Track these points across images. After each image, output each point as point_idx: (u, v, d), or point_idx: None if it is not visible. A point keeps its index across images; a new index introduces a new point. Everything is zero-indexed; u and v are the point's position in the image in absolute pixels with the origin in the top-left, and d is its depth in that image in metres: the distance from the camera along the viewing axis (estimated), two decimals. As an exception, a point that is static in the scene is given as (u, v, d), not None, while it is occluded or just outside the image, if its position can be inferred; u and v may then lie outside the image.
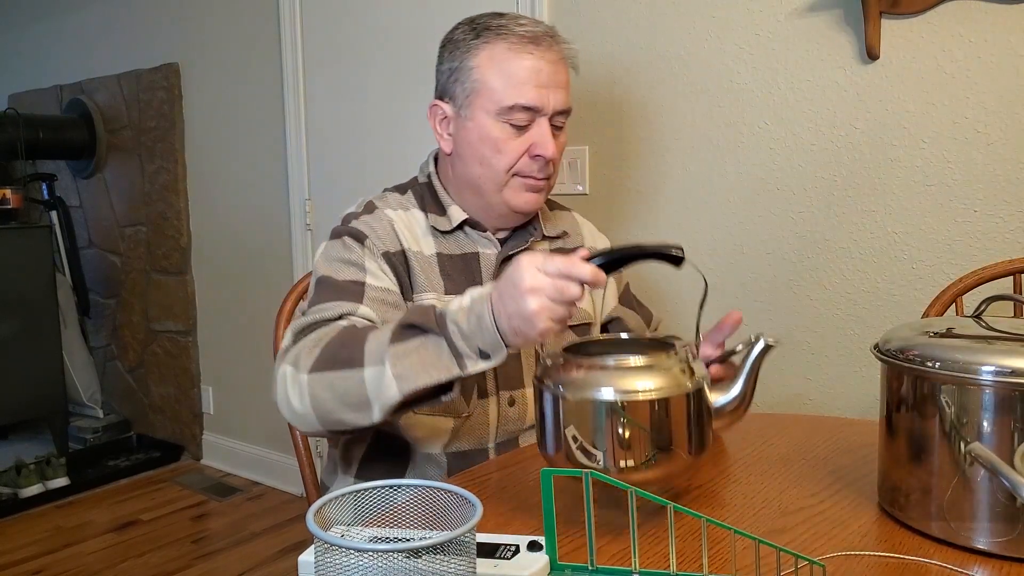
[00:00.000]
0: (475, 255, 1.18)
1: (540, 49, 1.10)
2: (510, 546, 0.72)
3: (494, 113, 1.11)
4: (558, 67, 1.12)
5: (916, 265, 1.59)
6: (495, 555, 0.71)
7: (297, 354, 0.98)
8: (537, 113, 1.11)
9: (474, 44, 1.12)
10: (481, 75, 1.11)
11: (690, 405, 0.80)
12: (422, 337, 0.90)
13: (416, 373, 0.89)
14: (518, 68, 1.09)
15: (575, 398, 0.80)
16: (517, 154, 1.12)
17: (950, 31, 1.51)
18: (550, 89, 1.11)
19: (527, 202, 1.15)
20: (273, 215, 2.81)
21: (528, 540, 0.72)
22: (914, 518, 0.80)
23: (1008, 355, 0.74)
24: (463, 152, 1.15)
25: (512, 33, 1.10)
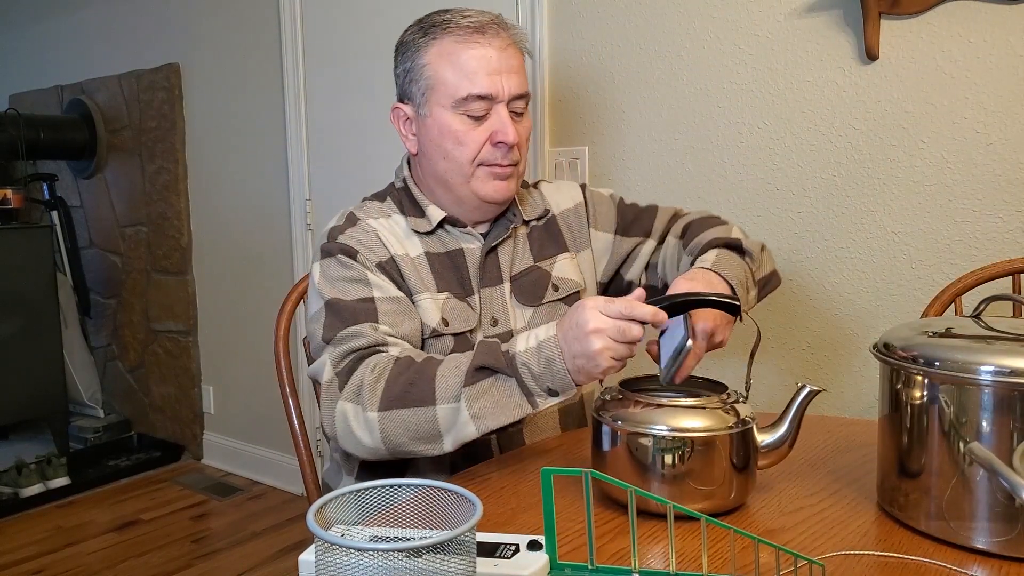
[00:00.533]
0: (459, 251, 1.19)
1: (487, 37, 1.12)
2: (510, 545, 0.73)
3: (450, 106, 1.13)
4: (508, 52, 1.14)
5: (915, 265, 1.59)
6: (495, 554, 0.71)
7: (355, 391, 1.01)
8: (493, 101, 1.12)
9: (423, 42, 1.14)
10: (433, 71, 1.13)
11: (735, 444, 0.85)
12: (493, 377, 0.97)
13: (492, 413, 0.96)
14: (467, 58, 1.11)
15: (629, 431, 0.86)
16: (479, 144, 1.13)
17: (950, 31, 1.51)
18: (502, 75, 1.12)
19: (496, 190, 1.16)
20: (273, 215, 2.81)
21: (528, 540, 0.72)
22: (913, 518, 0.80)
23: (1007, 355, 0.74)
24: (427, 150, 1.17)
25: (457, 26, 1.12)
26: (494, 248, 1.20)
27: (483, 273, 1.19)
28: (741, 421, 0.86)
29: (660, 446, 0.84)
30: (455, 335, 1.15)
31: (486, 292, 1.18)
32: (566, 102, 2.02)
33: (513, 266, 1.22)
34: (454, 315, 1.15)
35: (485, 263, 1.19)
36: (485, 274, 1.19)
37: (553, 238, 1.26)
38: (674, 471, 0.84)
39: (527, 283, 1.21)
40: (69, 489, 2.93)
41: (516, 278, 1.21)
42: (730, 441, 0.84)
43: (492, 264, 1.20)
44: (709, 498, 0.84)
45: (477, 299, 1.18)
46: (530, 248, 1.24)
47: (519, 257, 1.23)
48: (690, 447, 0.83)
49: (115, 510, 2.80)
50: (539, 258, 1.24)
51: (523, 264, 1.23)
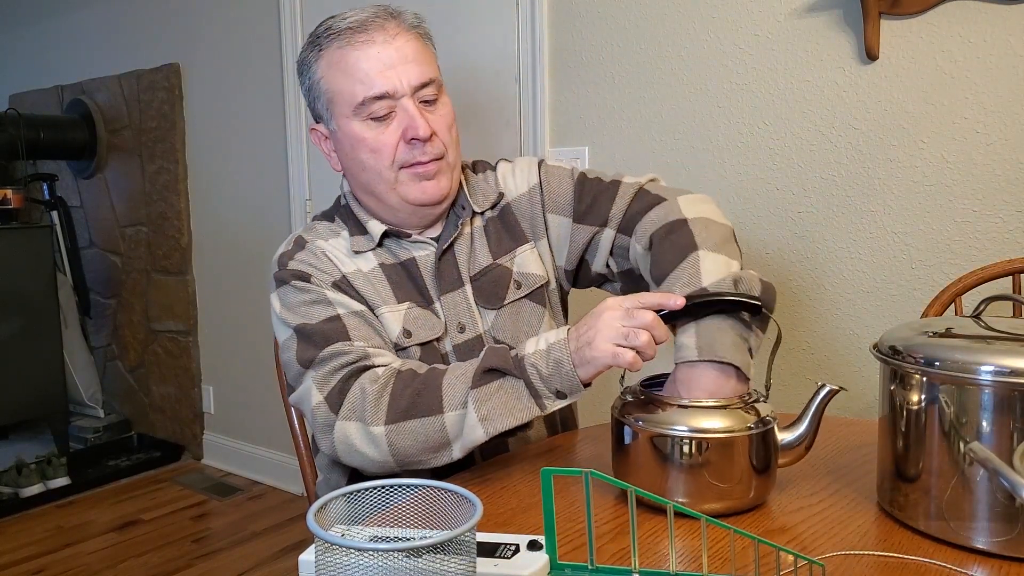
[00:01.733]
0: (412, 260, 1.13)
1: (370, 33, 1.06)
2: (510, 545, 0.73)
3: (352, 115, 1.07)
4: (400, 42, 1.06)
5: (915, 265, 1.59)
6: (495, 555, 0.71)
7: (356, 408, 0.98)
8: (393, 97, 1.06)
9: (313, 57, 1.10)
10: (328, 83, 1.08)
11: (755, 444, 0.85)
12: (501, 380, 0.94)
13: (500, 415, 0.94)
14: (354, 61, 1.05)
15: (649, 432, 0.86)
16: (392, 146, 1.07)
17: (949, 31, 1.51)
18: (396, 68, 1.05)
19: (425, 192, 1.09)
20: (273, 215, 2.81)
21: (528, 540, 0.72)
22: (913, 518, 0.80)
23: (1007, 355, 0.74)
24: (347, 164, 1.12)
25: (338, 31, 1.07)
26: (447, 249, 1.13)
27: (440, 279, 1.12)
28: (762, 421, 0.86)
29: (680, 447, 0.84)
30: (421, 345, 1.09)
31: (448, 298, 1.12)
32: (566, 102, 2.02)
33: (471, 265, 1.14)
34: (417, 324, 1.09)
35: (440, 268, 1.12)
36: (442, 280, 1.12)
37: (510, 229, 1.17)
38: (694, 471, 0.84)
39: (487, 283, 1.14)
40: (69, 489, 2.93)
41: (476, 278, 1.14)
42: (750, 441, 0.84)
43: (448, 267, 1.13)
44: (728, 498, 0.84)
45: (439, 307, 1.12)
46: (487, 242, 1.16)
47: (477, 255, 1.15)
48: (710, 447, 0.83)
49: (115, 510, 2.80)
50: (498, 253, 1.15)
51: (481, 262, 1.14)
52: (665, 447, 0.84)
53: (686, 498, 0.84)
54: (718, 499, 0.84)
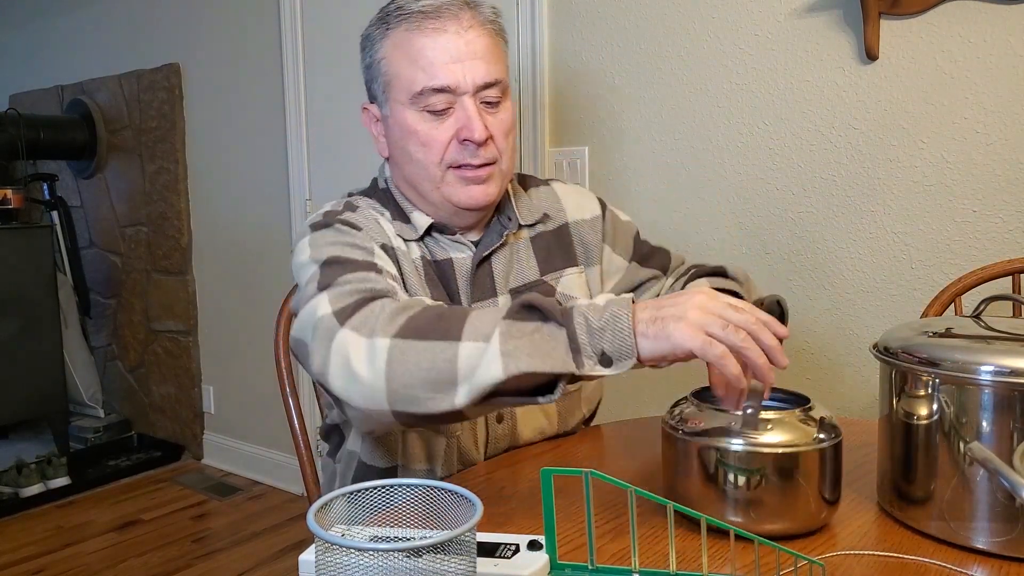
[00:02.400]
0: (448, 261, 1.07)
1: (443, 21, 0.99)
2: (510, 545, 0.73)
3: (408, 103, 1.00)
4: (470, 35, 0.99)
5: (915, 265, 1.59)
6: (495, 554, 0.71)
7: (366, 321, 0.83)
8: (454, 93, 0.99)
9: (379, 34, 1.03)
10: (388, 65, 1.02)
11: (818, 460, 0.78)
12: (540, 322, 0.77)
13: (528, 355, 0.75)
14: (421, 47, 0.99)
15: (703, 445, 0.79)
16: (443, 143, 1.01)
17: (949, 31, 1.51)
18: (464, 63, 0.98)
19: (471, 196, 1.03)
20: (273, 215, 2.81)
21: (528, 540, 0.72)
22: (914, 518, 0.80)
23: (1007, 355, 0.74)
24: (394, 153, 1.06)
25: (410, 12, 1.00)
26: (487, 258, 1.08)
27: (473, 286, 1.07)
28: (826, 436, 0.79)
29: (736, 462, 0.77)
30: None
31: (478, 308, 1.05)
32: (566, 102, 2.02)
33: (511, 277, 1.10)
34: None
35: (476, 275, 1.07)
36: (476, 287, 1.07)
37: (564, 249, 1.14)
38: (750, 488, 0.77)
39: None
40: (69, 489, 2.93)
41: (517, 291, 1.09)
42: (814, 457, 0.78)
43: (484, 275, 1.08)
44: (792, 519, 0.78)
45: None
46: (535, 257, 1.12)
47: (521, 267, 1.11)
48: (769, 463, 0.77)
49: (115, 510, 2.80)
50: (545, 270, 1.12)
51: (527, 276, 1.11)
52: (718, 461, 0.78)
53: (743, 518, 0.78)
54: (780, 520, 0.78)
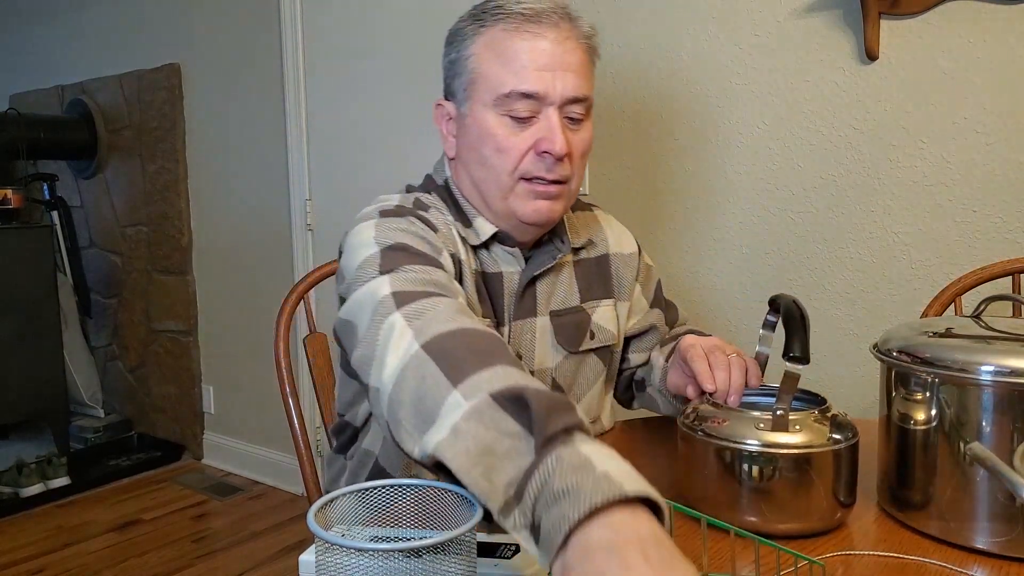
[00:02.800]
0: (499, 275, 1.04)
1: (542, 27, 0.96)
2: (510, 546, 0.72)
3: (491, 104, 0.97)
4: (567, 47, 0.97)
5: (915, 265, 1.59)
6: (495, 555, 0.71)
7: (422, 311, 0.75)
8: (541, 102, 0.96)
9: (471, 31, 1.00)
10: (477, 63, 0.99)
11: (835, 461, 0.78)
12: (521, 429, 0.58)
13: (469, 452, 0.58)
14: (515, 50, 0.96)
15: (720, 446, 0.80)
16: (521, 152, 0.97)
17: (949, 31, 1.51)
18: (555, 72, 0.96)
19: (536, 211, 1.00)
20: (273, 215, 2.81)
21: None
22: (914, 518, 0.80)
23: (1007, 355, 0.74)
24: (464, 155, 1.03)
25: (510, 12, 0.97)
26: (536, 278, 1.06)
27: (519, 303, 1.05)
28: (842, 436, 0.79)
29: (752, 462, 0.77)
30: None
31: (517, 325, 1.05)
32: (566, 102, 2.02)
33: (553, 299, 1.08)
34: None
35: (524, 293, 1.05)
36: (520, 305, 1.05)
37: (603, 279, 1.14)
38: (766, 489, 0.77)
39: (569, 324, 1.08)
40: (69, 489, 2.93)
41: (558, 314, 1.08)
42: (829, 458, 0.78)
43: (530, 295, 1.06)
44: (807, 519, 0.78)
45: (505, 331, 1.04)
46: (577, 283, 1.11)
47: (563, 291, 1.09)
48: (784, 464, 0.77)
49: (115, 510, 2.80)
50: (585, 298, 1.11)
51: (569, 301, 1.09)
52: (736, 463, 0.78)
53: (758, 518, 0.78)
54: (795, 520, 0.78)
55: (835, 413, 0.83)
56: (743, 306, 1.79)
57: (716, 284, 1.83)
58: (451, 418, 0.61)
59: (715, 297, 1.83)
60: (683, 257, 1.87)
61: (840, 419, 0.82)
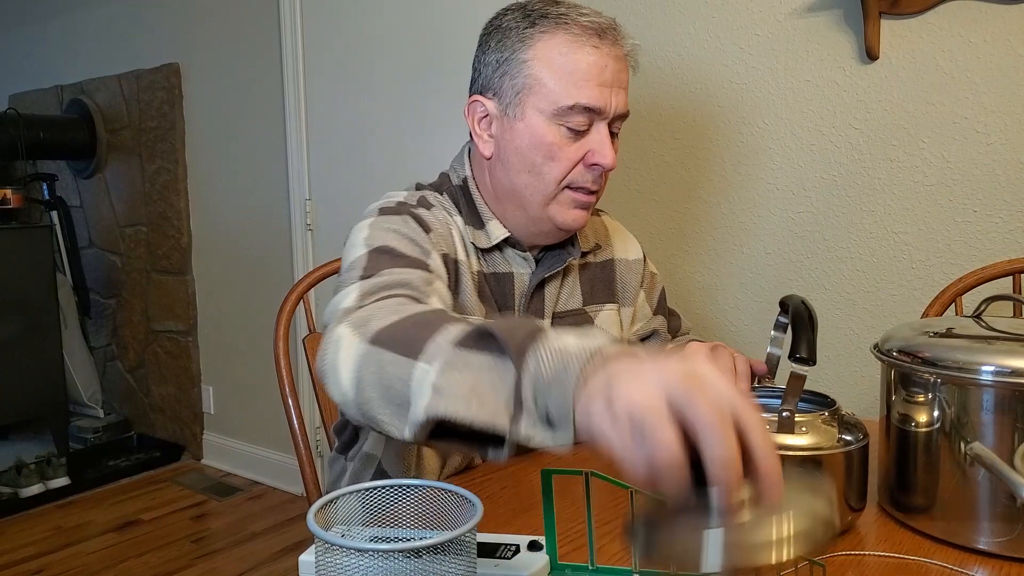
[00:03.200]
0: (509, 275, 1.06)
1: (605, 43, 0.98)
2: (510, 546, 0.72)
3: (550, 114, 0.97)
4: (622, 65, 1.00)
5: (916, 265, 1.59)
6: (495, 555, 0.71)
7: (367, 317, 0.74)
8: (598, 116, 0.98)
9: (529, 33, 0.98)
10: (536, 69, 0.97)
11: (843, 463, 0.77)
12: (494, 357, 0.60)
13: (459, 398, 0.59)
14: (581, 63, 0.96)
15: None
16: (572, 162, 0.99)
17: (950, 31, 1.51)
18: (613, 89, 0.98)
19: (575, 219, 1.02)
20: (273, 215, 2.81)
21: (528, 540, 0.72)
22: (914, 518, 0.80)
23: (1008, 355, 0.74)
24: (508, 158, 1.01)
25: (574, 23, 0.97)
26: (546, 280, 1.08)
27: (529, 304, 1.07)
28: (852, 438, 0.78)
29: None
30: None
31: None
32: (566, 102, 2.02)
33: (559, 302, 1.10)
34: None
35: (534, 295, 1.07)
36: (531, 306, 1.07)
37: (607, 284, 1.16)
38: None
39: (570, 326, 1.10)
40: (69, 489, 2.93)
41: (561, 316, 1.10)
42: (838, 460, 0.77)
43: (539, 296, 1.08)
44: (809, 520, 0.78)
45: None
46: (581, 287, 1.13)
47: (568, 294, 1.11)
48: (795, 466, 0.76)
49: (115, 510, 2.80)
50: (588, 302, 1.13)
51: (571, 304, 1.11)
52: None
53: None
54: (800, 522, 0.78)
55: (844, 414, 0.82)
56: (743, 306, 1.79)
57: (716, 284, 1.83)
58: (426, 383, 0.61)
59: (715, 297, 1.83)
60: (683, 257, 1.87)
61: (849, 420, 0.81)
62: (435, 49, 2.26)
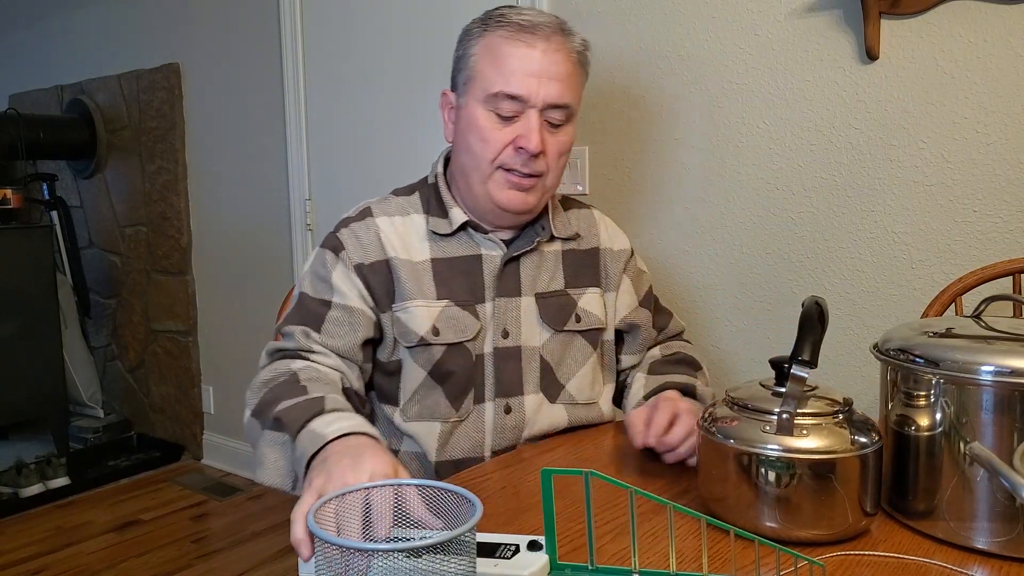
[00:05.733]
0: (477, 257, 1.15)
1: (535, 38, 1.08)
2: (510, 546, 0.72)
3: (482, 100, 1.09)
4: (556, 58, 1.09)
5: (916, 265, 1.59)
6: (495, 555, 0.71)
7: (253, 387, 1.05)
8: (525, 104, 1.08)
9: (477, 32, 1.12)
10: (476, 62, 1.11)
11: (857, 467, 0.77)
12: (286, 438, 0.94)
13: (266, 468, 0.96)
14: (508, 55, 1.08)
15: (741, 450, 0.78)
16: (501, 144, 1.09)
17: (950, 31, 1.51)
18: (541, 80, 1.07)
19: (510, 200, 1.12)
20: (273, 215, 2.81)
21: (528, 540, 0.72)
22: (914, 518, 0.80)
23: (1007, 355, 0.74)
24: (457, 140, 1.15)
25: (509, 22, 1.09)
26: (516, 258, 1.17)
27: (500, 282, 1.15)
28: (867, 441, 0.78)
29: (772, 468, 0.76)
30: (448, 345, 1.10)
31: (501, 302, 1.15)
32: (566, 102, 2.01)
33: (538, 282, 1.18)
34: (449, 324, 1.11)
35: (504, 272, 1.15)
36: (502, 284, 1.15)
37: (592, 270, 1.23)
38: (788, 495, 0.76)
39: (554, 304, 1.18)
40: (69, 489, 2.92)
41: (543, 296, 1.17)
42: (852, 464, 0.76)
43: (511, 275, 1.16)
44: (829, 527, 0.76)
45: (489, 307, 1.14)
46: (563, 271, 1.20)
47: (548, 275, 1.19)
48: (806, 470, 0.75)
49: (115, 510, 2.80)
50: (570, 284, 1.20)
51: (553, 285, 1.19)
52: (754, 467, 0.77)
53: (777, 524, 0.77)
54: (817, 528, 0.76)
55: (856, 415, 0.81)
56: (743, 306, 1.79)
57: (716, 284, 1.83)
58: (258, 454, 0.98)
59: (715, 297, 1.83)
60: (683, 257, 1.87)
61: (861, 421, 0.80)
62: (435, 49, 2.26)
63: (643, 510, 0.86)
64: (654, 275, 1.83)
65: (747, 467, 0.78)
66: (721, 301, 1.82)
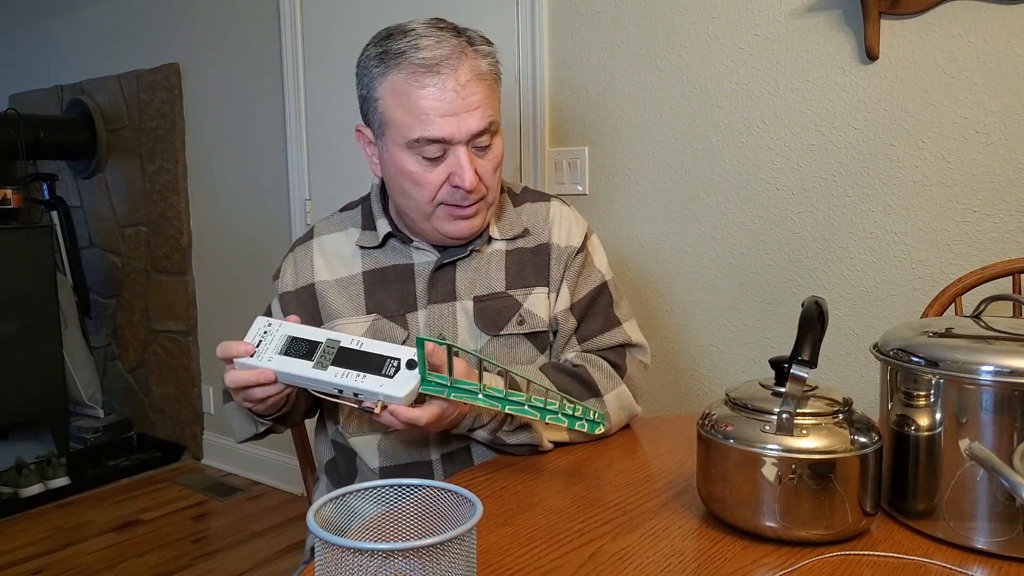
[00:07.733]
0: (409, 266, 1.14)
1: (441, 77, 1.02)
2: (394, 360, 0.91)
3: (403, 146, 1.05)
4: (468, 88, 1.03)
5: (915, 265, 1.59)
6: (381, 370, 0.90)
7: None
8: (449, 143, 1.04)
9: (377, 73, 1.05)
10: (385, 108, 1.05)
11: (856, 466, 0.76)
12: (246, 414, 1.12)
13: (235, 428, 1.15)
14: (420, 100, 1.02)
15: (741, 450, 0.78)
16: (436, 185, 1.06)
17: (950, 31, 1.51)
18: (459, 116, 1.02)
19: (458, 230, 1.09)
20: (273, 215, 2.81)
21: (407, 359, 0.90)
22: (914, 518, 0.80)
23: (1007, 355, 0.74)
24: (388, 182, 1.12)
25: (410, 62, 1.02)
26: (449, 264, 1.13)
27: (432, 289, 1.12)
28: (866, 441, 0.77)
29: (772, 468, 0.76)
30: None
31: (435, 308, 1.11)
32: (566, 102, 2.02)
33: (476, 286, 1.13)
34: (377, 338, 1.05)
35: (434, 278, 1.12)
36: (434, 290, 1.12)
37: (539, 268, 1.16)
38: (788, 495, 0.76)
39: (491, 308, 1.12)
40: (69, 489, 2.93)
41: (481, 299, 1.12)
42: (852, 463, 0.76)
43: (445, 279, 1.13)
44: (827, 525, 0.76)
45: (421, 316, 1.11)
46: (505, 271, 1.14)
47: (487, 278, 1.14)
48: (806, 469, 0.75)
49: (115, 510, 2.80)
50: (512, 285, 1.14)
51: (492, 286, 1.13)
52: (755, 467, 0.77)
53: (777, 523, 0.76)
54: (817, 527, 0.76)
55: (856, 415, 0.81)
56: (743, 306, 1.79)
57: (716, 284, 1.83)
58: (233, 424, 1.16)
59: (715, 297, 1.83)
60: (682, 257, 1.87)
61: (861, 421, 0.80)
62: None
63: (643, 510, 0.87)
64: (654, 275, 1.82)
65: (747, 467, 0.78)
66: (721, 301, 1.82)
